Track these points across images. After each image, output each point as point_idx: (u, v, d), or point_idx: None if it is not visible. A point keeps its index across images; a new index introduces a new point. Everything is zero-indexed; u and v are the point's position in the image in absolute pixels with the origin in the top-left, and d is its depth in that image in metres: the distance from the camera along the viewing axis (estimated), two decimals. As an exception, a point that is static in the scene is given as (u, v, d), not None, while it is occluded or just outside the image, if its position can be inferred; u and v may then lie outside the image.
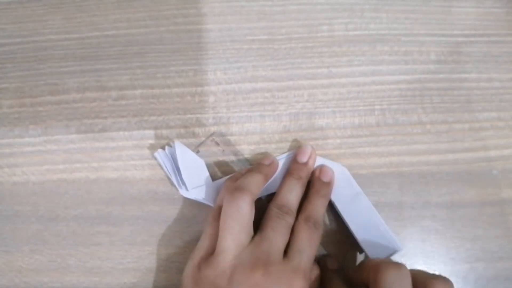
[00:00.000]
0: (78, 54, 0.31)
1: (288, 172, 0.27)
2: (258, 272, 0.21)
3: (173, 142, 0.27)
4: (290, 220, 0.24)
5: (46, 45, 0.31)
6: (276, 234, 0.23)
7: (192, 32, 0.32)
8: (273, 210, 0.24)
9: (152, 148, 0.29)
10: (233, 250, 0.22)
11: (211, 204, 0.27)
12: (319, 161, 0.28)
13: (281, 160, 0.28)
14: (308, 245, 0.23)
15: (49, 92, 0.30)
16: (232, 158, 0.29)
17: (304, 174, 0.26)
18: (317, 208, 0.25)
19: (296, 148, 0.28)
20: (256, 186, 0.25)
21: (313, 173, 0.27)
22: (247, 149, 0.29)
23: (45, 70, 0.31)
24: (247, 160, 0.29)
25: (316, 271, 0.24)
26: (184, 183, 0.26)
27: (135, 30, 0.32)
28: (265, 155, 0.29)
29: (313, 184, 0.27)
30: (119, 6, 0.32)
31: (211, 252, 0.23)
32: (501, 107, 0.31)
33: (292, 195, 0.25)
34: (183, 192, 0.26)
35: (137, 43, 0.31)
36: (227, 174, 0.28)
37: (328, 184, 0.27)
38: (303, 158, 0.27)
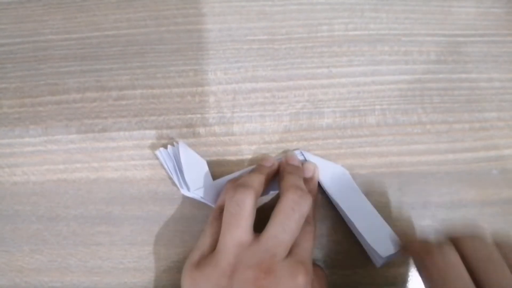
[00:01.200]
0: (78, 54, 0.31)
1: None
2: (261, 273, 0.21)
3: (177, 142, 0.27)
4: (307, 208, 0.23)
5: (46, 45, 0.31)
6: (287, 234, 0.22)
7: (192, 32, 0.32)
8: (288, 196, 0.23)
9: (153, 148, 0.29)
10: (233, 249, 0.22)
11: (212, 205, 0.27)
12: (319, 161, 0.28)
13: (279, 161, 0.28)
14: (304, 238, 0.23)
15: (49, 92, 0.30)
16: (232, 158, 0.29)
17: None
18: None
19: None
20: (259, 184, 0.24)
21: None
22: (248, 149, 0.29)
23: (45, 70, 0.31)
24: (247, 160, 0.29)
25: (322, 273, 0.24)
26: (186, 184, 0.26)
27: (135, 30, 0.32)
28: (265, 156, 0.29)
29: None
30: (119, 6, 0.32)
31: (211, 251, 0.23)
32: (501, 107, 0.31)
33: (301, 181, 0.25)
34: (184, 191, 0.26)
35: (137, 43, 0.31)
36: (227, 174, 0.28)
37: (311, 179, 0.27)
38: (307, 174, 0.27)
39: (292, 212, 0.22)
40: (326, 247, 0.28)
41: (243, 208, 0.22)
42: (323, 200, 0.28)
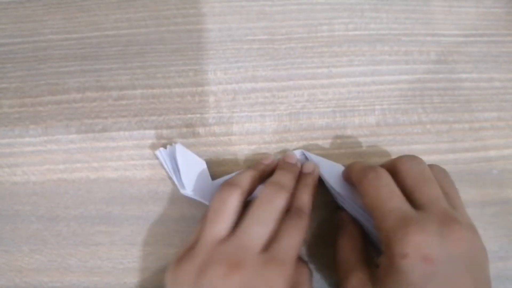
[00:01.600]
0: (78, 54, 0.31)
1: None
2: (230, 269, 0.20)
3: (175, 143, 0.27)
4: (282, 202, 0.23)
5: (46, 45, 0.31)
6: (260, 227, 0.21)
7: (192, 32, 0.32)
8: (264, 191, 0.23)
9: (153, 148, 0.29)
10: (210, 244, 0.21)
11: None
12: (321, 161, 0.28)
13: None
14: (287, 234, 0.22)
15: (50, 92, 0.30)
16: (232, 158, 0.29)
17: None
18: (300, 195, 0.25)
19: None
20: (247, 181, 0.24)
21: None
22: (248, 149, 0.29)
23: (45, 70, 0.31)
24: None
25: (305, 269, 0.23)
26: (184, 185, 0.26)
27: (135, 30, 0.32)
28: (265, 155, 0.29)
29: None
30: (120, 6, 0.32)
31: (193, 247, 0.22)
32: (501, 107, 0.31)
33: (285, 177, 0.25)
34: (183, 191, 0.26)
35: (137, 43, 0.31)
36: (227, 174, 0.28)
37: (310, 174, 0.26)
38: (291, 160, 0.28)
39: (265, 205, 0.22)
40: (330, 246, 0.28)
41: (226, 205, 0.22)
42: (326, 200, 0.28)
